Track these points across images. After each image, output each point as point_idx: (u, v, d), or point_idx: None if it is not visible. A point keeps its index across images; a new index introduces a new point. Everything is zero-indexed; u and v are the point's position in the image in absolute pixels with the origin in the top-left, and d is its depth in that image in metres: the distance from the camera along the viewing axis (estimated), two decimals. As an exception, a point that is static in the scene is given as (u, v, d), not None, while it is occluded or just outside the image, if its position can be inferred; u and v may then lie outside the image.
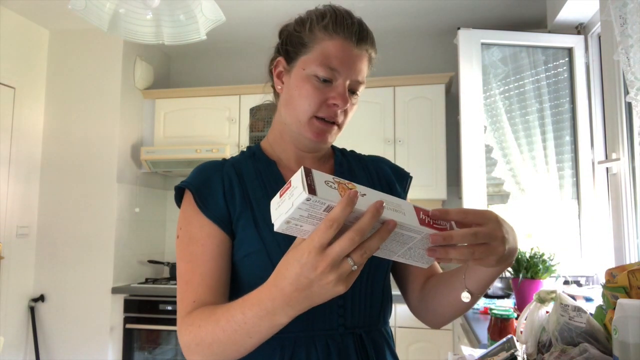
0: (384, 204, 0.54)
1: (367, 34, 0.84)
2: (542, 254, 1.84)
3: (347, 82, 0.80)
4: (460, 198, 2.53)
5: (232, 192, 0.80)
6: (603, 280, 1.03)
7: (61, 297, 3.10)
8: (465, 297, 0.75)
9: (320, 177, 0.52)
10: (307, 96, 0.80)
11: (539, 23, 2.88)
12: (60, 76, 3.25)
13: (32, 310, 3.08)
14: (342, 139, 0.91)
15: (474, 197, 2.44)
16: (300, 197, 0.50)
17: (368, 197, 0.55)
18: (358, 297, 0.80)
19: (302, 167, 0.52)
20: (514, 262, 0.69)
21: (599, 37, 2.38)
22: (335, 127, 0.83)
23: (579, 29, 2.50)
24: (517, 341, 1.10)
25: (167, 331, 2.94)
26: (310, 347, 0.75)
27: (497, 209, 2.58)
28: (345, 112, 0.83)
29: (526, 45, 2.59)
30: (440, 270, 0.94)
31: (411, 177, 0.99)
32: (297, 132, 0.83)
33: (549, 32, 2.60)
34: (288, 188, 0.53)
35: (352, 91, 0.82)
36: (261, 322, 0.62)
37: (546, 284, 1.82)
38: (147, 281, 3.21)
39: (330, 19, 0.81)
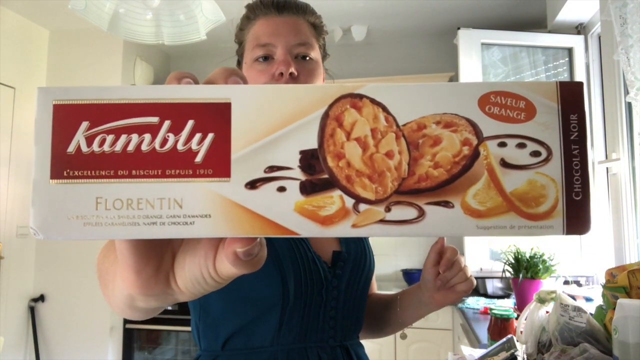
0: None
1: (288, 2, 0.80)
2: (542, 254, 1.84)
3: (286, 49, 0.77)
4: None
5: None
6: (603, 280, 1.03)
7: (61, 297, 3.10)
8: (404, 336, 0.89)
9: None
10: (256, 83, 0.77)
11: (539, 23, 2.88)
12: (60, 76, 3.25)
13: (32, 310, 3.07)
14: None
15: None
16: None
17: None
18: (349, 310, 0.80)
19: None
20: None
21: (599, 37, 2.38)
22: None
23: (579, 29, 2.50)
24: (517, 341, 1.09)
25: (167, 331, 2.94)
26: (303, 359, 0.74)
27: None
28: (298, 78, 0.76)
29: (526, 45, 2.59)
30: (375, 288, 0.99)
31: None
32: None
33: (549, 32, 2.60)
34: None
35: (303, 57, 0.78)
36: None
37: (546, 284, 1.82)
38: (147, 281, 3.21)
39: (248, 9, 0.83)
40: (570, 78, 2.50)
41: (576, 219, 0.24)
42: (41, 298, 3.10)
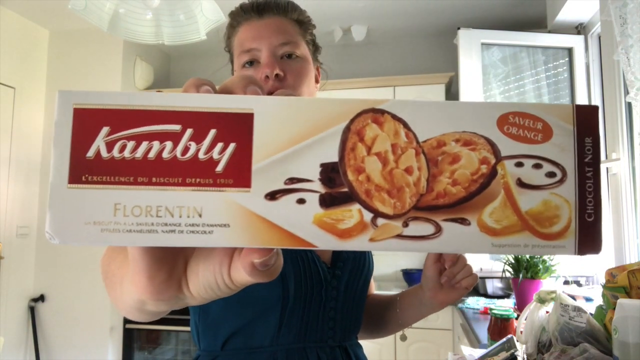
0: None
1: (268, 4, 0.79)
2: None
3: (270, 51, 0.76)
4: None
5: None
6: (603, 280, 1.03)
7: (61, 297, 3.10)
8: (403, 337, 0.85)
9: None
10: None
11: (539, 23, 2.88)
12: (60, 76, 3.25)
13: (32, 310, 3.07)
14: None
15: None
16: None
17: None
18: (348, 311, 0.81)
19: None
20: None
21: (599, 37, 2.38)
22: None
23: (579, 29, 2.50)
24: (517, 341, 1.09)
25: (167, 331, 2.94)
26: (302, 359, 0.74)
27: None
28: (285, 79, 0.76)
29: (526, 45, 2.59)
30: (374, 289, 0.99)
31: None
32: None
33: (549, 32, 2.60)
34: None
35: (288, 55, 0.78)
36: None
37: (546, 284, 1.82)
38: (147, 281, 3.21)
39: (231, 17, 0.82)
40: (570, 78, 2.50)
41: (588, 239, 0.25)
42: (41, 298, 3.10)
